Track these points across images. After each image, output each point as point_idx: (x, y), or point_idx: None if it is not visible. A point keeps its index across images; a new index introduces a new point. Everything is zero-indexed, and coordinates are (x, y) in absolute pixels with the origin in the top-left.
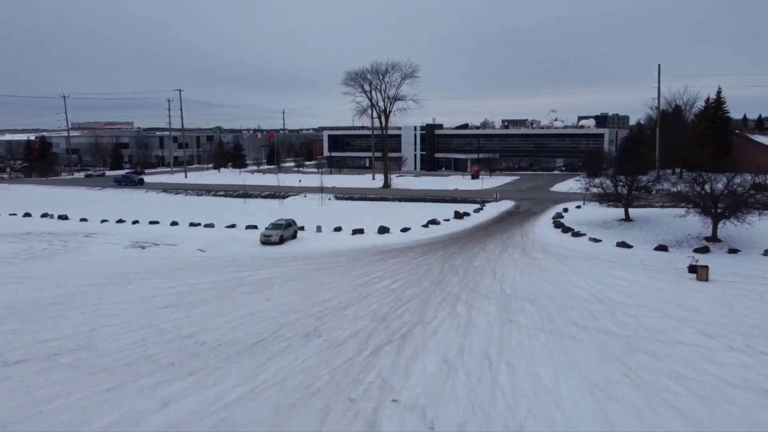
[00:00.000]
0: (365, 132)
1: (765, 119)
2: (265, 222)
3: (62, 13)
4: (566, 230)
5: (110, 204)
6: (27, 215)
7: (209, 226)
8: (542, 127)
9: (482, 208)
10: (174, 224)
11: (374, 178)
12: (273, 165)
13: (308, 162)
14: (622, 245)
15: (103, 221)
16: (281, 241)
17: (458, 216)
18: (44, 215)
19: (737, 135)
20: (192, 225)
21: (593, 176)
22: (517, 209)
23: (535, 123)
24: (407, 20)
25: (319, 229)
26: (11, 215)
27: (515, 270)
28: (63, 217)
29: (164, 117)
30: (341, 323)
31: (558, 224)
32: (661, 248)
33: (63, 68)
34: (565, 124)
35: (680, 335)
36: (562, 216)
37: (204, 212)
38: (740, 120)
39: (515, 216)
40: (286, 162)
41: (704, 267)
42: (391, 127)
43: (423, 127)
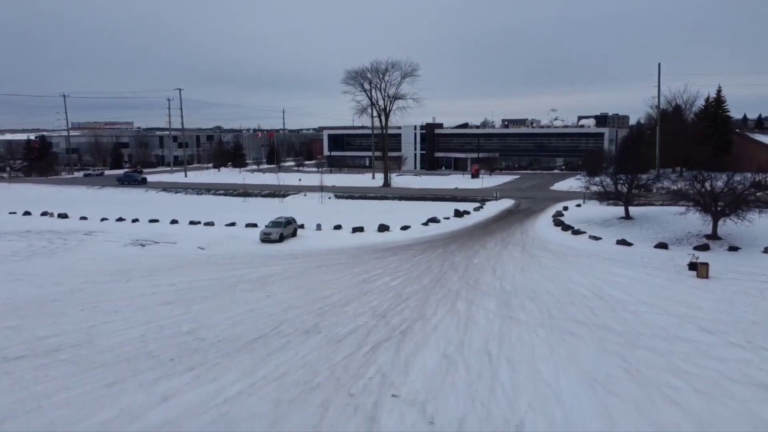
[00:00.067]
0: (365, 131)
1: (765, 119)
2: (265, 220)
3: (62, 13)
4: (566, 228)
5: (110, 203)
6: (27, 214)
7: (209, 225)
8: (542, 127)
9: (482, 207)
10: (174, 222)
11: (374, 177)
12: (273, 164)
13: (308, 161)
14: (623, 243)
15: (103, 220)
16: (281, 239)
17: (458, 214)
18: (44, 214)
19: (737, 134)
20: (192, 223)
21: (593, 175)
22: (517, 208)
23: (535, 122)
24: (407, 20)
25: (319, 227)
26: (11, 214)
27: (515, 267)
28: (63, 216)
29: (164, 117)
30: (341, 320)
31: (558, 222)
32: (662, 246)
33: (63, 68)
34: (565, 124)
35: (680, 331)
36: (562, 214)
37: (204, 211)
38: (740, 119)
39: (515, 214)
40: (286, 161)
41: (704, 264)
42: (391, 127)
43: (423, 127)
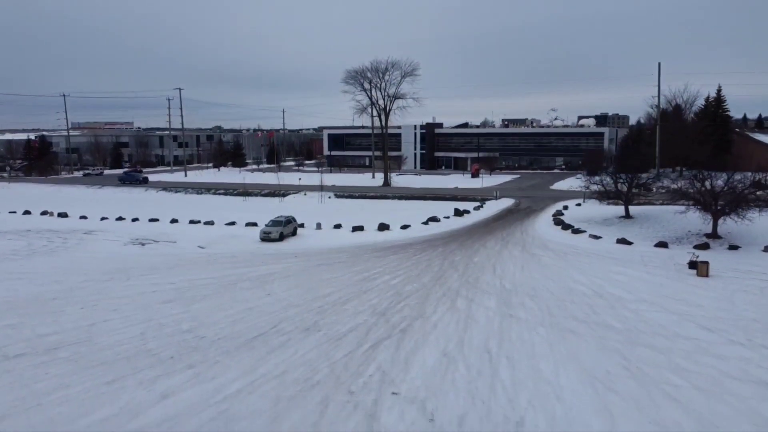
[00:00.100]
0: (365, 131)
1: (765, 119)
2: (265, 220)
3: (62, 13)
4: (566, 227)
5: (110, 202)
6: (27, 213)
7: (209, 224)
8: (542, 126)
9: (482, 206)
10: (174, 222)
11: (374, 177)
12: (273, 164)
13: (308, 161)
14: (623, 242)
15: (103, 219)
16: (281, 238)
17: (458, 213)
18: (44, 213)
19: (737, 133)
20: (192, 222)
21: (593, 175)
22: (517, 207)
23: (535, 122)
24: (407, 20)
25: (319, 226)
26: (11, 213)
27: (515, 266)
28: (63, 215)
29: (164, 117)
30: (341, 318)
31: (558, 221)
32: (662, 245)
33: (63, 68)
34: (565, 124)
35: (680, 329)
36: (563, 213)
37: (204, 210)
38: (740, 119)
39: (515, 213)
40: (286, 161)
41: (704, 263)
42: (391, 126)
43: (423, 126)
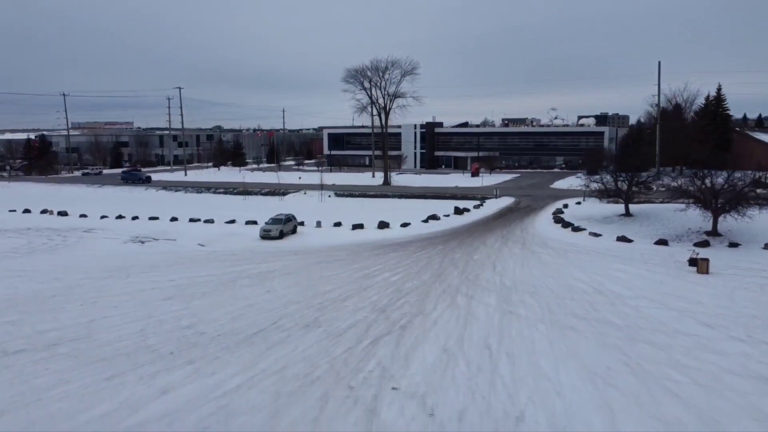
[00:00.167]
0: (365, 130)
1: (765, 118)
2: (265, 218)
3: (62, 12)
4: (566, 225)
5: (110, 201)
6: (26, 211)
7: (209, 222)
8: (542, 126)
9: (482, 205)
10: (173, 220)
11: (374, 176)
12: (273, 164)
13: (308, 161)
14: (623, 239)
15: (103, 217)
16: (281, 236)
17: (458, 212)
18: (44, 212)
19: (737, 132)
20: (191, 221)
21: (593, 174)
22: (517, 205)
23: (535, 121)
24: (407, 20)
25: (319, 225)
26: (11, 212)
27: (515, 263)
28: (62, 214)
29: (164, 117)
30: (341, 314)
31: (558, 219)
32: (662, 242)
33: (63, 67)
34: (565, 123)
35: (680, 326)
36: (562, 212)
37: (204, 209)
38: (740, 119)
39: (515, 212)
40: (286, 161)
41: (705, 260)
42: (391, 126)
43: (423, 126)
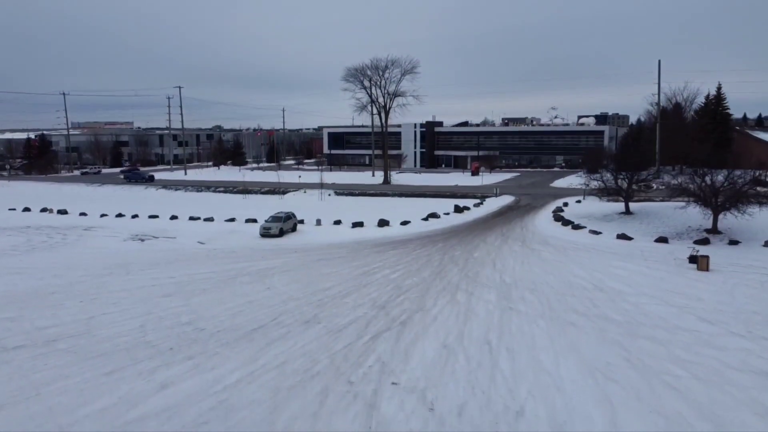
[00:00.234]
0: (365, 129)
1: (765, 118)
2: (265, 217)
3: (62, 12)
4: (566, 223)
5: (109, 200)
6: (26, 210)
7: (209, 220)
8: (542, 125)
9: (482, 203)
10: (173, 218)
11: (374, 175)
12: (273, 163)
13: (308, 160)
14: (623, 237)
15: (103, 216)
16: (281, 234)
17: (458, 210)
18: (43, 210)
19: (737, 131)
20: (191, 219)
21: (593, 173)
22: (517, 204)
23: (535, 121)
24: (407, 20)
25: (319, 223)
26: (10, 210)
27: (515, 261)
28: (62, 212)
29: (164, 117)
30: (341, 311)
31: (558, 217)
32: (662, 240)
33: (63, 67)
34: (565, 122)
35: (681, 321)
36: (562, 210)
37: (203, 207)
38: (740, 119)
39: (515, 210)
40: (286, 160)
41: (705, 257)
42: (391, 125)
43: (423, 125)
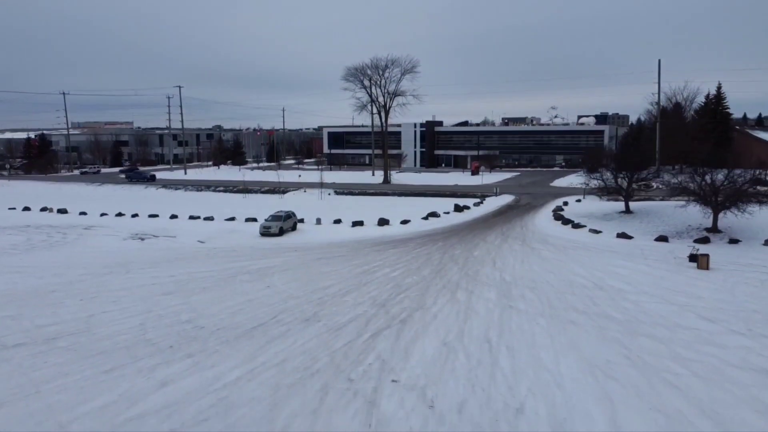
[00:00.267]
0: (365, 129)
1: (765, 118)
2: (265, 216)
3: (62, 12)
4: (566, 222)
5: (109, 199)
6: (26, 209)
7: (209, 219)
8: (542, 125)
9: (482, 202)
10: (173, 217)
11: (374, 174)
12: (273, 162)
13: (308, 160)
14: (623, 236)
15: (102, 215)
16: (281, 233)
17: (458, 209)
18: (43, 209)
19: (737, 131)
20: (191, 218)
21: (593, 172)
22: (517, 203)
23: (535, 120)
24: (407, 20)
25: (319, 222)
26: (10, 209)
27: (515, 259)
28: (62, 211)
29: (164, 117)
30: (341, 309)
31: (558, 216)
32: (662, 239)
33: (63, 67)
34: (565, 122)
35: (681, 320)
36: (562, 209)
37: (203, 207)
38: (740, 118)
39: (515, 209)
40: (286, 160)
41: (705, 255)
42: (391, 125)
43: (423, 125)
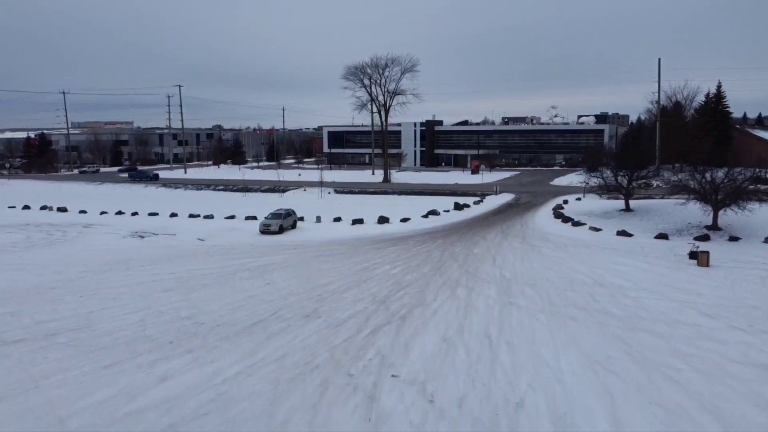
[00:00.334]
0: (365, 128)
1: (765, 117)
2: (265, 214)
3: (62, 11)
4: (566, 220)
5: (109, 198)
6: (26, 208)
7: (209, 218)
8: (542, 124)
9: (482, 200)
10: (173, 216)
11: (374, 174)
12: (273, 162)
13: (308, 159)
14: (623, 234)
15: (102, 213)
16: (281, 231)
17: (458, 207)
18: (43, 207)
19: (737, 129)
20: (191, 216)
21: (593, 171)
22: (517, 201)
23: (535, 120)
24: (407, 20)
25: (319, 220)
26: (10, 208)
27: (515, 257)
28: (62, 210)
29: (164, 117)
30: (341, 305)
31: (558, 215)
32: (662, 236)
33: (63, 66)
34: (565, 121)
35: (681, 316)
36: (563, 207)
37: (203, 205)
38: (740, 118)
39: (515, 207)
40: (286, 159)
41: (705, 252)
42: (391, 124)
43: (423, 124)
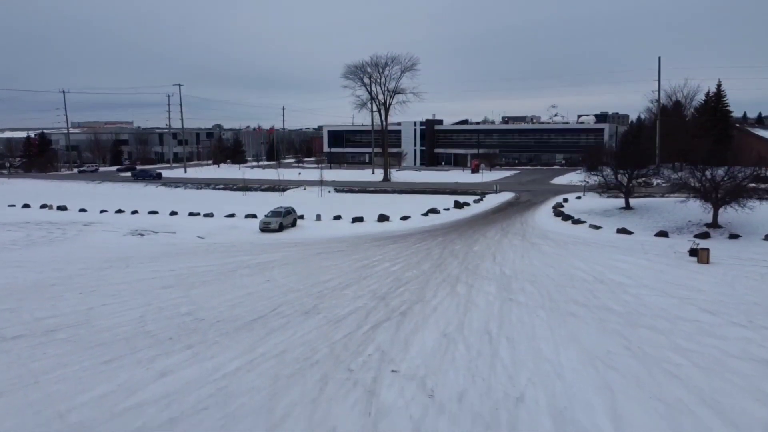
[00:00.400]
0: (365, 128)
1: (765, 117)
2: (265, 212)
3: (62, 11)
4: (566, 218)
5: (109, 197)
6: (26, 206)
7: (208, 216)
8: (542, 123)
9: (482, 199)
10: (173, 214)
11: (374, 173)
12: (273, 161)
13: (308, 158)
14: (623, 231)
15: (102, 212)
16: (280, 229)
17: (458, 206)
18: (43, 206)
19: (737, 128)
20: (191, 215)
21: (593, 170)
22: (517, 200)
23: (535, 119)
24: (407, 19)
25: (319, 218)
26: (10, 206)
27: (515, 254)
28: (62, 208)
29: (163, 117)
30: (340, 302)
31: (558, 213)
32: (662, 234)
33: (64, 65)
34: (565, 120)
35: (681, 312)
36: (563, 205)
37: (203, 204)
38: (740, 117)
39: (515, 206)
40: (286, 158)
41: (705, 250)
42: (391, 123)
43: (423, 123)
